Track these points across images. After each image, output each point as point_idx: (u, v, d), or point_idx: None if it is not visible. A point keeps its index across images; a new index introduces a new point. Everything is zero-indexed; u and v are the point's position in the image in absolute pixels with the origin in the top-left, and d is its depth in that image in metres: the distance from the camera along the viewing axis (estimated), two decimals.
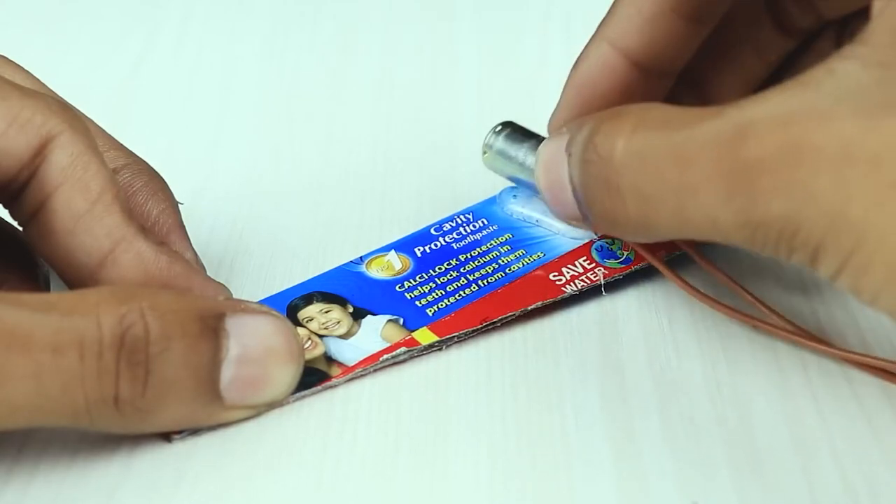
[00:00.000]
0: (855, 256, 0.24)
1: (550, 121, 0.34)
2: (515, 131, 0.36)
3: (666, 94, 0.34)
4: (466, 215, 0.37)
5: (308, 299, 0.34)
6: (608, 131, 0.28)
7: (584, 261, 0.35)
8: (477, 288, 0.34)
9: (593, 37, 0.33)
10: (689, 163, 0.26)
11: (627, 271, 0.34)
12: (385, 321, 0.33)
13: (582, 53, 0.33)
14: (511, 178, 0.36)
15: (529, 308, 0.33)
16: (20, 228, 0.31)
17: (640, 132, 0.27)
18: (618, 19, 0.32)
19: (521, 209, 0.36)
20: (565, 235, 0.35)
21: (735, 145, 0.25)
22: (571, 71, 0.33)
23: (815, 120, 0.24)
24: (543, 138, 0.34)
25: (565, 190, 0.30)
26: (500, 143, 0.36)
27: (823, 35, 0.34)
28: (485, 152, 0.36)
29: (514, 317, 0.33)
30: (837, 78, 0.24)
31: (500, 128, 0.36)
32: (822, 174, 0.24)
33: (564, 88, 0.33)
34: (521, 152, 0.35)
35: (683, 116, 0.27)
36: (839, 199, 0.24)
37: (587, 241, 0.35)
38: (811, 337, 0.32)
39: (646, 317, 0.33)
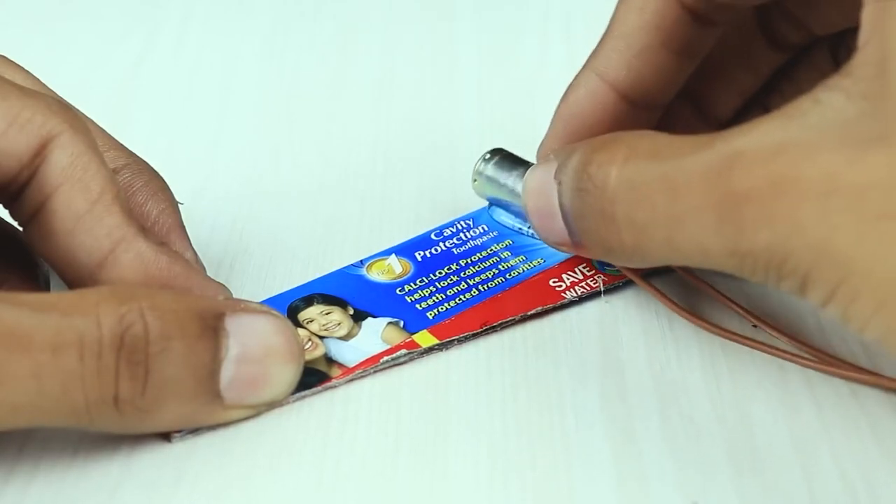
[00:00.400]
0: (842, 287, 0.24)
1: (539, 150, 0.34)
2: (505, 158, 0.36)
3: (655, 123, 0.33)
4: (467, 221, 0.37)
5: (309, 301, 0.34)
6: (602, 161, 0.28)
7: (584, 268, 0.35)
8: (477, 292, 0.34)
9: (583, 68, 0.33)
10: (678, 193, 0.26)
11: (626, 279, 0.34)
12: (385, 323, 0.33)
13: (571, 84, 0.33)
14: (501, 204, 0.36)
15: (529, 313, 0.33)
16: (20, 228, 0.31)
17: (632, 161, 0.27)
18: (607, 52, 0.32)
19: (512, 222, 0.36)
20: None
21: (723, 176, 0.25)
22: (560, 101, 0.33)
23: (801, 152, 0.24)
24: (532, 164, 0.34)
25: (555, 217, 0.30)
26: (490, 169, 0.36)
27: (817, 46, 0.34)
28: (475, 179, 0.36)
29: (514, 321, 0.33)
30: (822, 109, 0.25)
31: (489, 155, 0.36)
32: (808, 206, 0.24)
33: (553, 119, 0.33)
34: (510, 179, 0.35)
35: (673, 146, 0.27)
36: (825, 231, 0.24)
37: None
38: (806, 350, 0.32)
39: (646, 317, 0.33)
